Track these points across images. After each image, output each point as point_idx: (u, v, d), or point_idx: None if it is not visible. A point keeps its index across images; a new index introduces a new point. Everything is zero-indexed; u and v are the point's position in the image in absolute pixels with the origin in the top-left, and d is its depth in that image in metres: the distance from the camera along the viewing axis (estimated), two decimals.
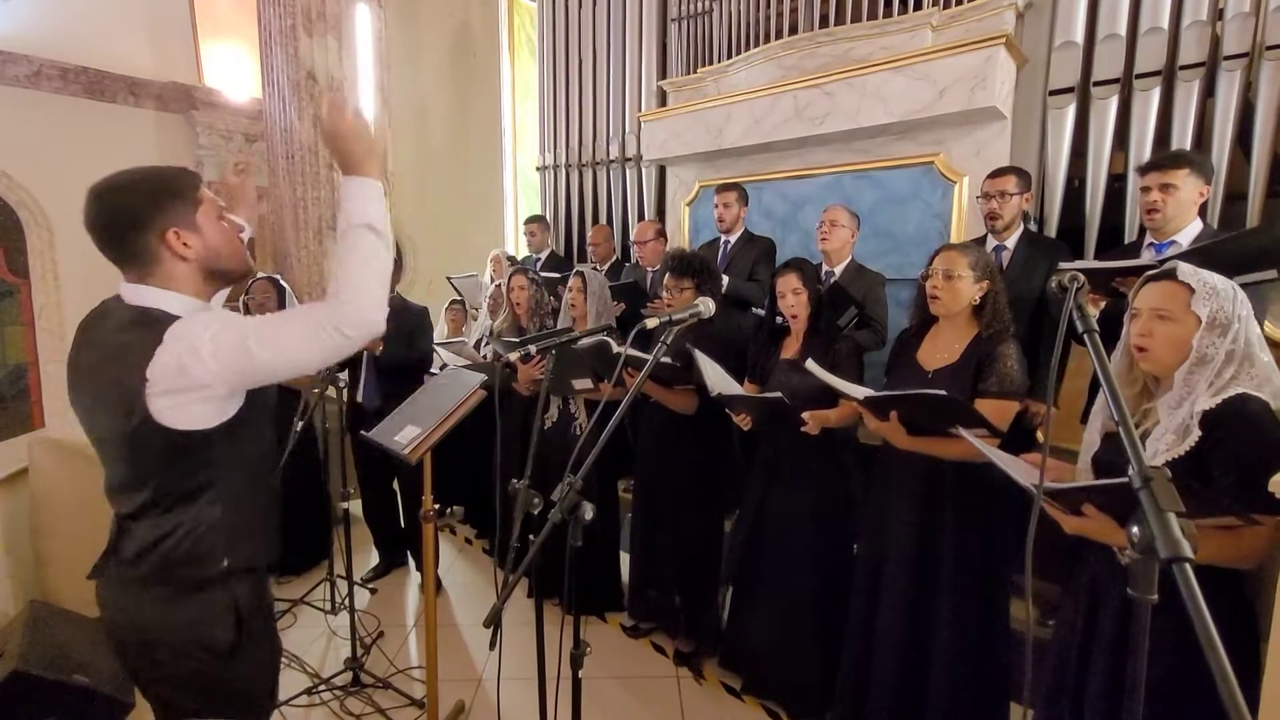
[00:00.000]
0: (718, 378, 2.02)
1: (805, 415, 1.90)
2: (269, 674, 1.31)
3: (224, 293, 1.32)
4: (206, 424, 1.06)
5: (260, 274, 3.23)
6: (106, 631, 1.17)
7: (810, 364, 1.76)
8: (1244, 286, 1.67)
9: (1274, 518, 1.11)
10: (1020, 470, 1.30)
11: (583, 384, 2.45)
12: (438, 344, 3.32)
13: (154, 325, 1.03)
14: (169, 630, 1.11)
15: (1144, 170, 2.00)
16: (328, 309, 1.05)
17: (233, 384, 1.06)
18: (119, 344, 1.04)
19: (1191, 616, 0.54)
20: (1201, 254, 1.71)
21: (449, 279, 4.35)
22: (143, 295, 1.08)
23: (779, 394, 1.88)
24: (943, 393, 1.53)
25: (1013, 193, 2.36)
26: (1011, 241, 2.40)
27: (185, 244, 1.07)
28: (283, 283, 3.22)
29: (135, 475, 1.09)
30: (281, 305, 3.12)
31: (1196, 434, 1.15)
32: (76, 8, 4.60)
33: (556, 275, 3.52)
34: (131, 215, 1.05)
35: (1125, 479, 0.67)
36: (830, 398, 2.00)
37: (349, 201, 1.11)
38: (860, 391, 1.67)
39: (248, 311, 3.10)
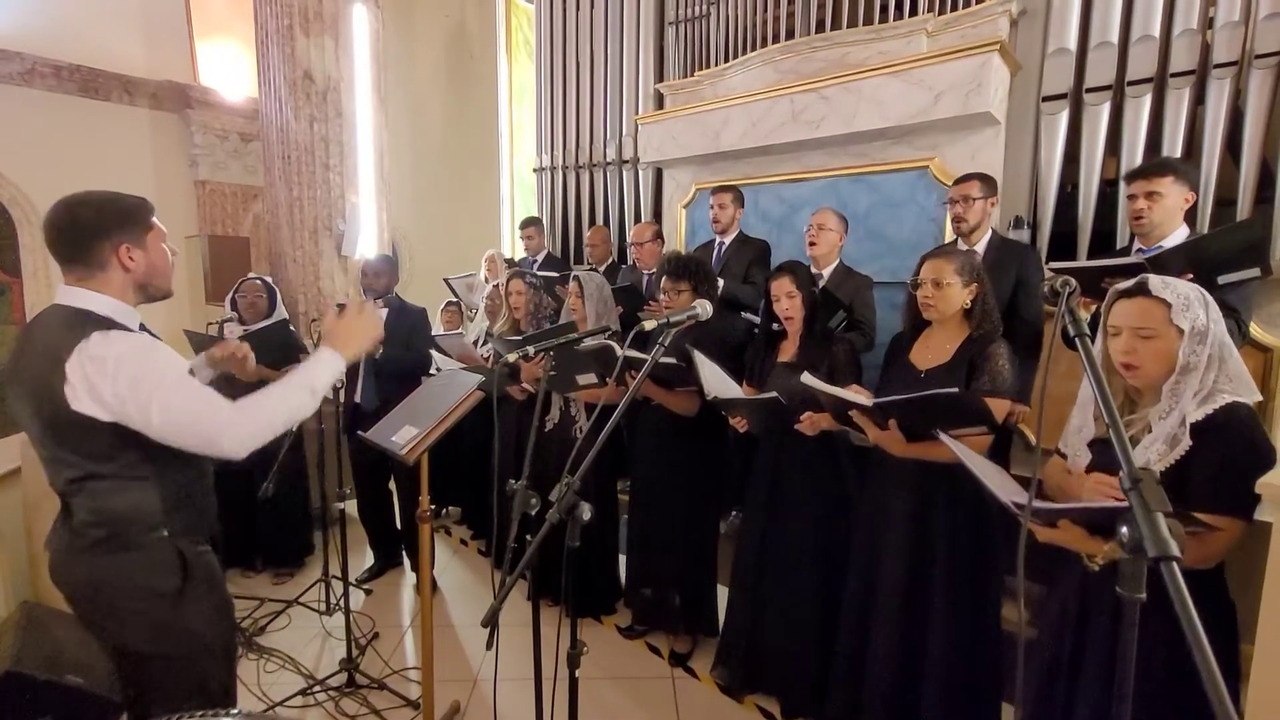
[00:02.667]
0: (715, 380, 2.03)
1: (803, 417, 1.91)
2: (223, 623, 1.39)
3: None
4: (103, 418, 1.17)
5: (252, 274, 3.23)
6: (63, 592, 1.28)
7: (806, 377, 1.75)
8: (1230, 285, 1.70)
9: (1241, 521, 1.14)
10: (1005, 484, 1.31)
11: (587, 379, 2.46)
12: (436, 336, 3.33)
13: (83, 325, 1.18)
14: (117, 578, 1.24)
15: (1130, 178, 2.02)
16: (221, 417, 1.21)
17: (123, 419, 1.17)
18: (51, 339, 1.18)
19: (1179, 615, 0.55)
20: (1186, 251, 1.74)
21: (446, 281, 4.35)
22: (77, 297, 1.23)
23: (774, 394, 1.90)
24: (954, 390, 1.55)
25: (977, 197, 2.40)
26: (981, 245, 2.43)
27: (132, 258, 1.25)
28: (273, 284, 3.22)
29: (63, 453, 1.21)
30: (272, 307, 3.12)
31: (1187, 443, 1.17)
32: (71, 5, 4.57)
33: (555, 275, 3.52)
34: (97, 225, 1.23)
35: (1112, 504, 0.68)
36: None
37: (316, 363, 1.36)
38: (866, 399, 1.68)
39: (234, 307, 3.11)
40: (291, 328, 3.17)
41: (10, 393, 1.25)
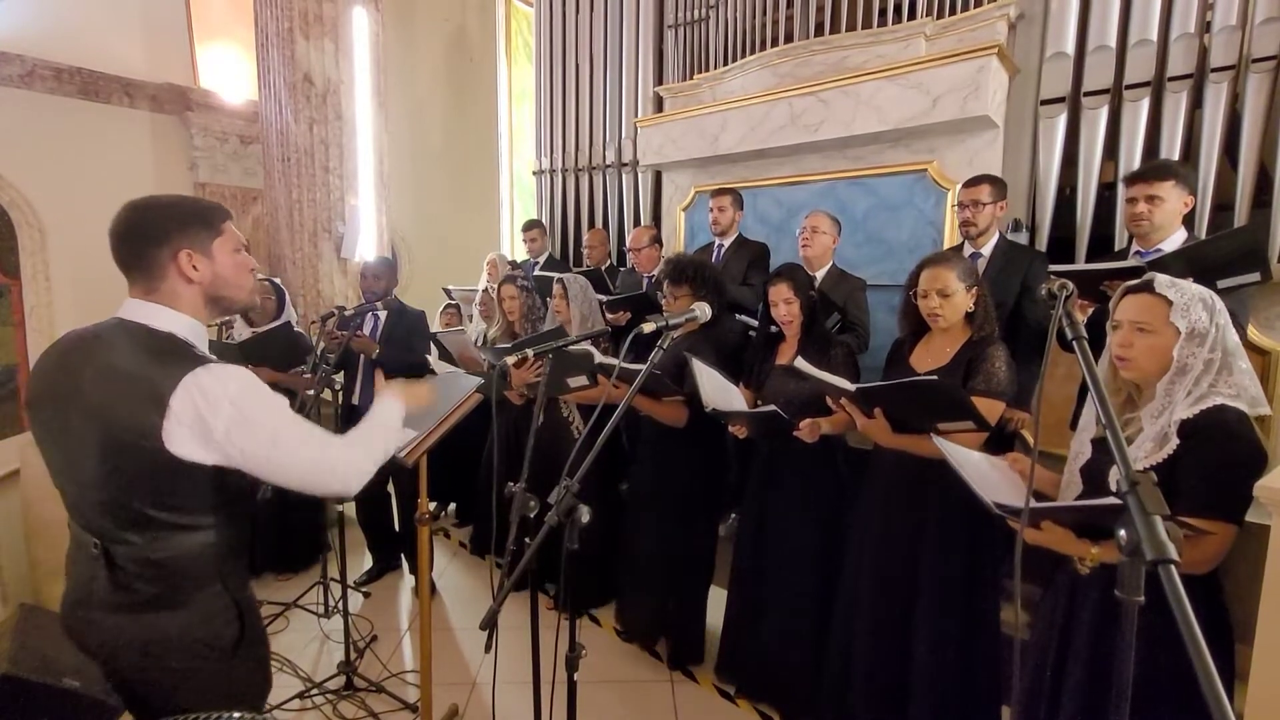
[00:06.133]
0: (714, 388, 2.01)
1: (802, 424, 1.91)
2: (265, 671, 1.33)
3: None
4: (207, 460, 1.08)
5: (260, 275, 3.24)
6: (90, 650, 1.14)
7: (799, 361, 1.77)
8: (1228, 290, 1.70)
9: (1229, 525, 1.13)
10: (990, 481, 1.32)
11: (578, 382, 2.46)
12: (438, 333, 3.32)
13: (178, 354, 1.07)
14: (170, 634, 1.11)
15: (1130, 181, 2.02)
16: (336, 456, 1.19)
17: (233, 461, 1.08)
18: (136, 367, 1.05)
19: (1176, 618, 0.55)
20: (1186, 256, 1.74)
21: (445, 290, 4.36)
22: (151, 314, 1.11)
23: (773, 408, 1.90)
24: (933, 378, 1.55)
25: (986, 201, 2.38)
26: (987, 249, 2.42)
27: (195, 266, 1.13)
28: (282, 285, 3.23)
29: (125, 497, 1.07)
30: (281, 308, 3.13)
31: (1175, 442, 1.17)
32: (71, 7, 4.58)
33: (556, 276, 3.53)
34: (153, 228, 1.12)
35: (1110, 501, 0.68)
36: (826, 404, 2.01)
37: (386, 409, 1.40)
38: (849, 384, 1.69)
39: (245, 312, 3.12)
40: (297, 330, 3.17)
41: (58, 420, 1.09)
